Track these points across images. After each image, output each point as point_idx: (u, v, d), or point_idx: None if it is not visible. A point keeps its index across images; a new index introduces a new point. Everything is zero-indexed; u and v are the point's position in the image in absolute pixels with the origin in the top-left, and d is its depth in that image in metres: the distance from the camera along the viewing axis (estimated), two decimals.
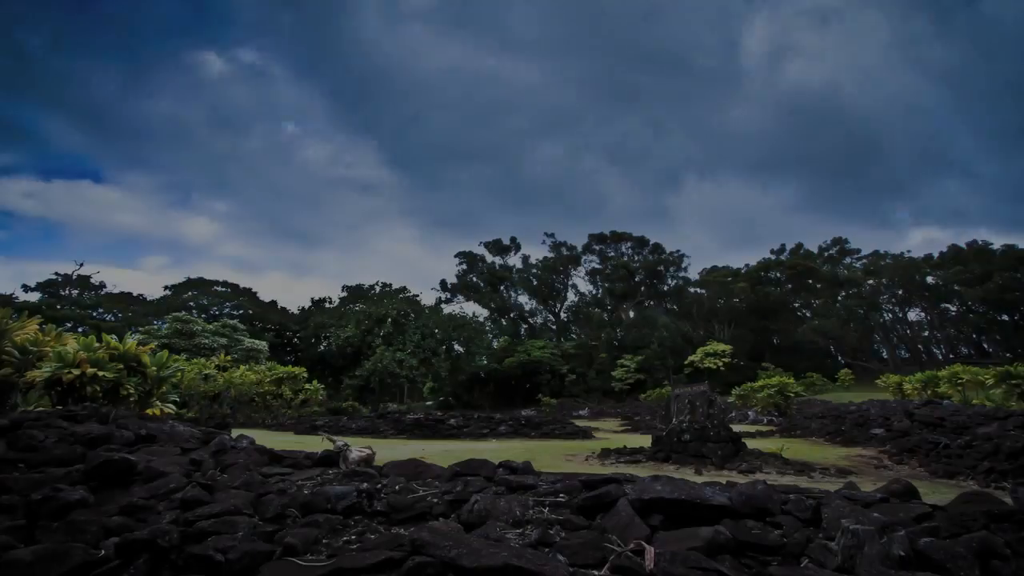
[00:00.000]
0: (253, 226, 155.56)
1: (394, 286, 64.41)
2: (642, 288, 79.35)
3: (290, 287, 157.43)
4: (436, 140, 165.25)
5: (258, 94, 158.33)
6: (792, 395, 23.93)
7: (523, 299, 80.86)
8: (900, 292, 76.02)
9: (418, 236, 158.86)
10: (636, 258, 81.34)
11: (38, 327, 11.97)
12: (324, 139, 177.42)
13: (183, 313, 43.99)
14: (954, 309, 74.07)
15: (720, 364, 50.66)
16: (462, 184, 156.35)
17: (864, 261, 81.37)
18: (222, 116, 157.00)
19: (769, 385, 24.67)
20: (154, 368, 12.49)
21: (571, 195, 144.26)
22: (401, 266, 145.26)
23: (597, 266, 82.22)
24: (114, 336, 12.54)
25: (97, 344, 11.62)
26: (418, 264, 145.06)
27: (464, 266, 78.85)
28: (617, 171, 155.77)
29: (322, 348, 48.99)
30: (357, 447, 6.05)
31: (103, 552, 3.03)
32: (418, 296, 62.85)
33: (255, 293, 66.71)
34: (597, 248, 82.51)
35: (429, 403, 54.37)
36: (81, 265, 60.82)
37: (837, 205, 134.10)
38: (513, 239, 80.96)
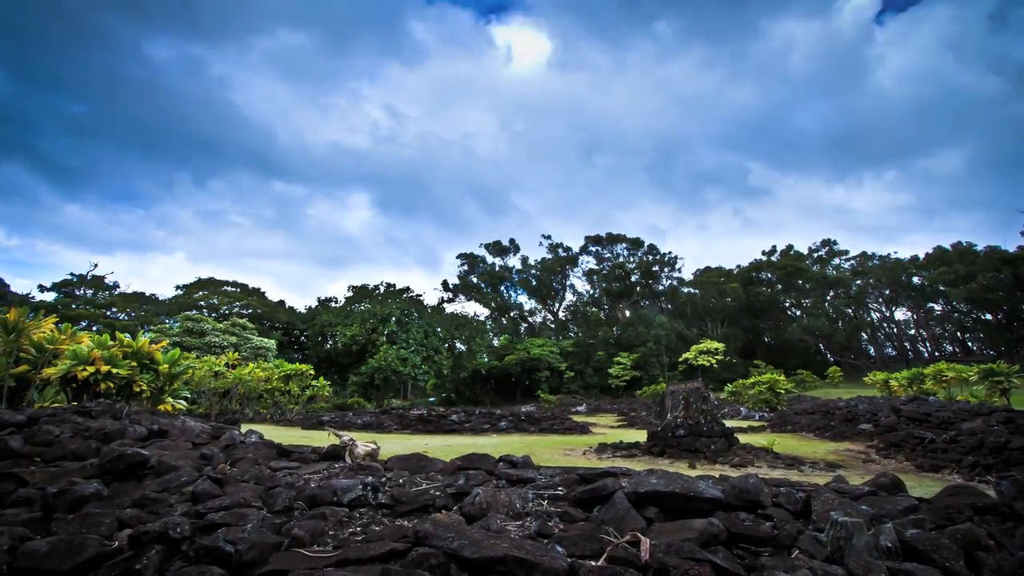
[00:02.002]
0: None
1: (397, 286, 64.50)
2: (637, 288, 79.39)
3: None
4: None
5: None
6: (782, 392, 23.95)
7: (523, 299, 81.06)
8: (887, 292, 76.07)
9: None
10: (631, 259, 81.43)
11: (54, 325, 11.97)
12: None
13: (194, 312, 43.99)
14: (939, 308, 74.21)
15: (713, 362, 50.71)
16: None
17: (852, 262, 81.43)
18: None
19: (760, 382, 24.69)
20: (166, 365, 12.49)
21: None
22: None
23: (594, 267, 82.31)
24: (127, 334, 12.55)
25: (111, 342, 11.62)
26: None
27: (465, 267, 78.98)
28: None
29: (328, 346, 48.96)
30: (362, 442, 6.05)
31: (117, 543, 3.03)
32: (421, 296, 62.92)
33: (263, 293, 66.76)
34: (594, 250, 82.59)
35: (432, 399, 54.40)
36: (96, 266, 60.93)
37: None
38: (512, 241, 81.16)
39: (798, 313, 78.38)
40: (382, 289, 63.74)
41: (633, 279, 79.52)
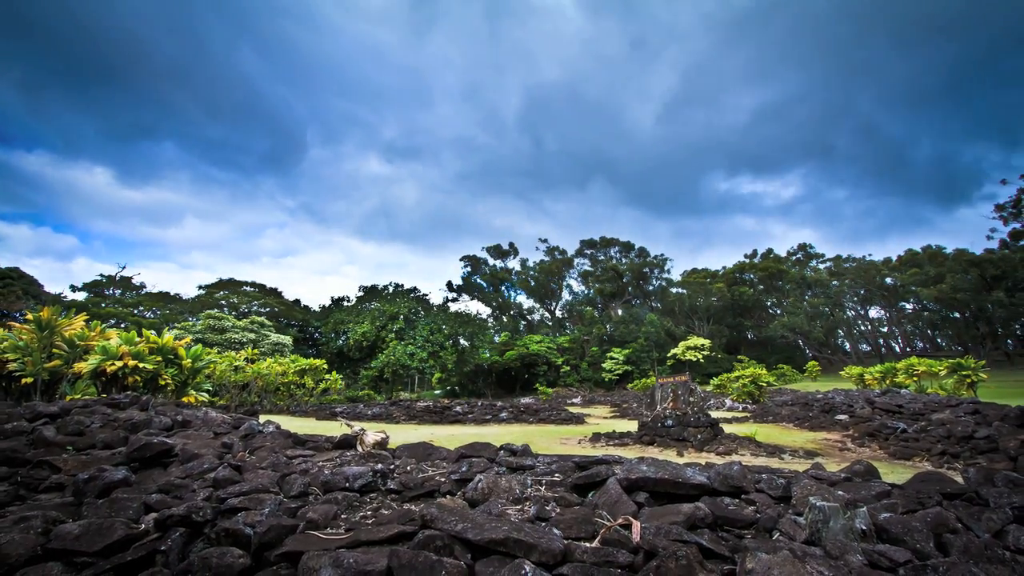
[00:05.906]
0: None
1: (405, 286, 64.47)
2: (629, 288, 79.40)
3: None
4: None
5: None
6: (764, 385, 23.89)
7: (522, 298, 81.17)
8: (862, 292, 75.99)
9: None
10: (624, 261, 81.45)
11: (84, 323, 11.97)
12: None
13: (215, 311, 43.94)
14: (910, 307, 74.14)
15: (700, 357, 50.63)
16: None
17: (829, 264, 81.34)
18: None
19: (744, 376, 24.65)
20: (189, 360, 12.49)
21: None
22: None
23: (588, 268, 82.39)
24: (153, 331, 12.55)
25: (138, 339, 11.62)
26: None
27: (468, 269, 79.06)
28: None
29: (341, 342, 48.87)
30: (372, 432, 6.05)
31: (143, 526, 3.03)
32: (427, 296, 62.87)
33: (280, 293, 66.70)
34: (588, 252, 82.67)
35: (437, 392, 54.35)
36: (124, 267, 60.97)
37: None
38: (511, 244, 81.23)
39: (779, 312, 78.28)
40: (391, 289, 63.67)
41: (625, 280, 79.54)
